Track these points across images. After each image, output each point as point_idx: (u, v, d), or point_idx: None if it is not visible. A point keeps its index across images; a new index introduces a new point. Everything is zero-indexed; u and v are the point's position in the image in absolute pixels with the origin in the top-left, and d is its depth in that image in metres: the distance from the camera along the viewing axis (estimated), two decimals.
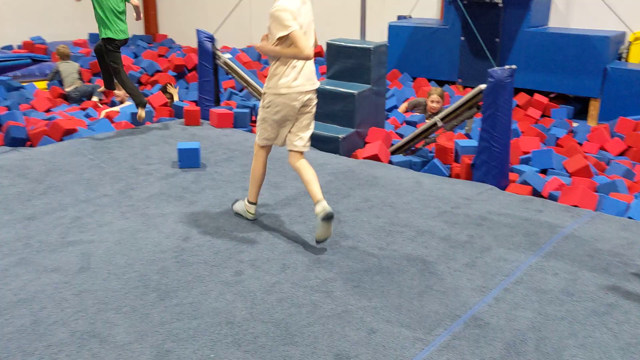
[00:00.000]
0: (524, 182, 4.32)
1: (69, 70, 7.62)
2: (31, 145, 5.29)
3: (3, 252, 3.10)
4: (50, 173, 4.27)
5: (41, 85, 7.70)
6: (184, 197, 3.92)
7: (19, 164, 4.44)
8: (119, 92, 6.91)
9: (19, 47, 9.73)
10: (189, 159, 4.48)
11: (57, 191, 3.95)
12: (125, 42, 5.61)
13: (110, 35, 5.37)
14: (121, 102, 6.91)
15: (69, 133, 5.41)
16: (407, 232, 3.46)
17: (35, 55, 5.97)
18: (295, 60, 3.16)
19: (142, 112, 5.41)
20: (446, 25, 7.52)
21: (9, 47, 9.65)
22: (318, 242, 3.21)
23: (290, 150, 3.37)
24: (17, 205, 3.70)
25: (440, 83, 7.53)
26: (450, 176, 4.64)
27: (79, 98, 7.28)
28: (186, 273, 2.93)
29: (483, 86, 4.34)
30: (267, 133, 3.34)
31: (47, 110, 6.64)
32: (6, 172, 4.26)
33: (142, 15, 6.28)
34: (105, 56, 5.55)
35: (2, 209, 3.64)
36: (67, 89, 7.44)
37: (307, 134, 3.37)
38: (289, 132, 3.34)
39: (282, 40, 3.09)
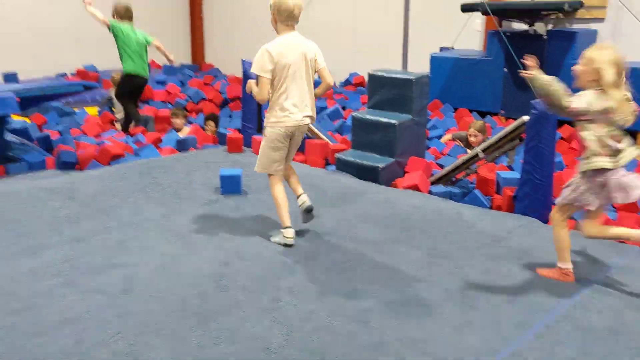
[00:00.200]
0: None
1: None
2: (80, 169, 5.48)
3: (51, 272, 3.20)
4: (98, 196, 4.41)
5: (92, 111, 7.99)
6: (225, 223, 3.99)
7: (69, 186, 4.60)
8: (177, 121, 7.12)
9: (73, 74, 10.15)
10: (230, 186, 4.56)
11: (104, 214, 4.07)
12: (145, 81, 5.82)
13: (130, 70, 5.60)
14: (178, 130, 7.12)
15: (116, 158, 5.59)
16: (446, 264, 3.42)
17: (88, 83, 6.23)
18: (283, 99, 3.53)
19: (136, 129, 5.63)
20: (489, 56, 7.50)
21: (64, 75, 10.08)
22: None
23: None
24: (65, 227, 3.83)
25: (483, 114, 7.48)
26: (491, 208, 4.58)
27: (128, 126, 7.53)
28: (225, 298, 2.97)
29: (526, 118, 4.30)
30: (264, 159, 3.67)
31: (97, 136, 6.87)
32: (56, 194, 4.42)
33: (172, 57, 6.45)
34: (121, 92, 5.81)
35: (51, 230, 3.77)
36: (119, 116, 7.69)
37: (291, 159, 3.83)
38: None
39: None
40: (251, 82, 3.65)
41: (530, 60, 3.07)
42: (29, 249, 3.47)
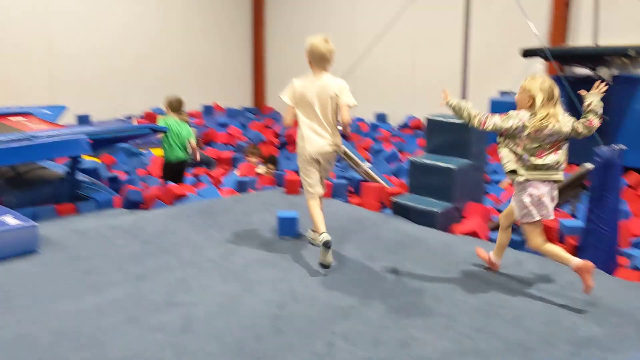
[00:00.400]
0: (635, 268, 4.07)
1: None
2: (146, 208, 5.69)
3: (114, 309, 3.32)
4: (161, 235, 4.56)
5: (158, 152, 8.32)
6: (281, 264, 4.04)
7: (134, 225, 4.78)
8: (252, 159, 7.37)
9: (141, 117, 10.63)
10: (287, 228, 4.63)
11: (166, 253, 4.20)
12: (185, 161, 6.68)
13: (173, 157, 6.35)
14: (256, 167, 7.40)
15: (179, 198, 5.78)
16: (506, 313, 3.34)
17: (154, 126, 6.51)
18: (305, 129, 4.10)
19: (199, 170, 6.43)
20: None
21: (132, 117, 10.57)
22: (322, 266, 3.89)
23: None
24: (129, 265, 3.97)
25: None
26: None
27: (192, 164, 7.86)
28: (280, 341, 2.99)
29: (590, 165, 4.21)
30: (303, 182, 4.26)
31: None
32: (122, 232, 4.60)
33: (198, 158, 7.05)
34: (164, 175, 6.59)
35: (116, 267, 3.92)
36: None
37: (324, 183, 4.33)
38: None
39: None
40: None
41: (443, 92, 3.69)
42: (94, 286, 3.62)
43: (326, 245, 3.83)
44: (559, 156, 3.45)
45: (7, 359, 2.77)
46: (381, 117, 10.57)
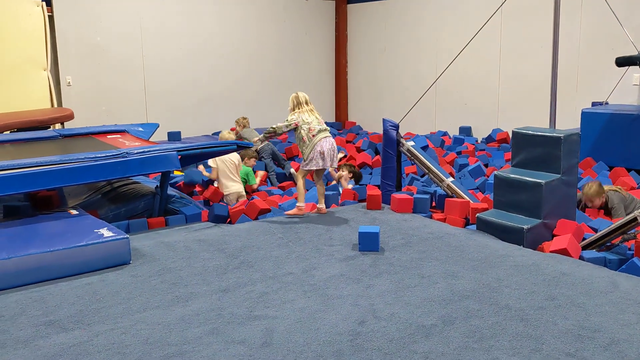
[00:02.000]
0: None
1: (252, 135, 8.47)
2: (230, 222, 5.85)
3: (199, 320, 3.42)
4: (244, 249, 4.67)
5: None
6: (362, 280, 4.02)
7: (219, 239, 4.93)
8: (344, 174, 7.44)
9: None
10: (368, 243, 4.61)
11: (249, 266, 4.29)
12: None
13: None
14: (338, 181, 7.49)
15: (263, 212, 5.90)
16: (599, 338, 3.14)
17: (240, 142, 6.71)
18: None
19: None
20: None
21: (219, 133, 10.96)
22: None
23: None
24: (214, 278, 4.09)
25: None
26: None
27: (269, 156, 8.08)
28: (359, 358, 2.96)
29: None
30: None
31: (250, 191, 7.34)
32: (208, 245, 4.75)
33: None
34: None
35: (201, 280, 4.05)
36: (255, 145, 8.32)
37: None
38: None
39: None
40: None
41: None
42: (181, 298, 3.75)
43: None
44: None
45: None
46: (466, 130, 10.34)
